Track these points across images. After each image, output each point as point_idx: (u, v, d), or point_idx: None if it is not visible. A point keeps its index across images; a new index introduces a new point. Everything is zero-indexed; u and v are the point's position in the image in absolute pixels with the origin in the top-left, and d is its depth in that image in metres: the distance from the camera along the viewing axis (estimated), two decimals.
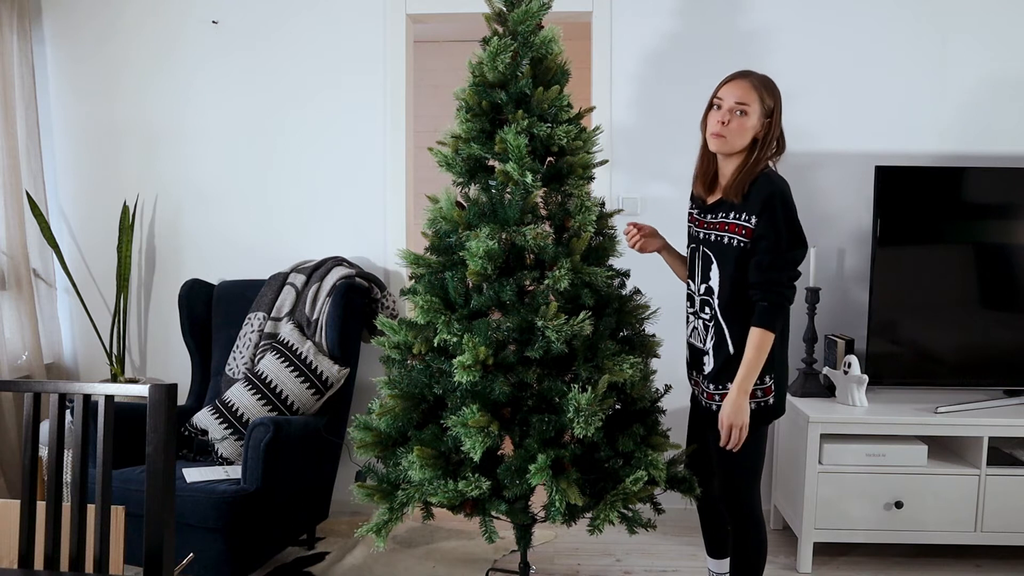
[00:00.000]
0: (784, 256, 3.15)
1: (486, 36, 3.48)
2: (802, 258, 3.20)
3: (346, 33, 5.02)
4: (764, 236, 3.15)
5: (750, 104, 3.18)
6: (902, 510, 4.32)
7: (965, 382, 4.67)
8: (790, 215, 3.17)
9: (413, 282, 3.53)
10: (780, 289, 3.15)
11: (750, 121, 3.19)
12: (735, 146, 3.22)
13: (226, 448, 4.32)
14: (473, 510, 3.28)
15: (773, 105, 3.22)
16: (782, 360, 3.31)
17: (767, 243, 3.15)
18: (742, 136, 3.20)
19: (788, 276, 3.16)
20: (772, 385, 3.26)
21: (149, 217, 5.21)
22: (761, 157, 3.22)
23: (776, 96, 3.24)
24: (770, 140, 3.23)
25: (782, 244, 3.14)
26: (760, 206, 3.15)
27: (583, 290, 3.35)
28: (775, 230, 3.14)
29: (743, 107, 3.18)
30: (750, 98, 3.19)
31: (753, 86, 3.21)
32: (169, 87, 5.13)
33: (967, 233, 4.58)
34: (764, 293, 3.15)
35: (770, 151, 3.25)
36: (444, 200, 3.46)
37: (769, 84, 3.25)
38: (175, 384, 2.35)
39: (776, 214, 3.14)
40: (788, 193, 3.19)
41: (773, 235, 3.14)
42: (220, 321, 4.91)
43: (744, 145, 3.22)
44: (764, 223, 3.15)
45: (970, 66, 4.84)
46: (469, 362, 3.15)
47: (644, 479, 3.24)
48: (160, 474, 2.29)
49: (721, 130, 3.21)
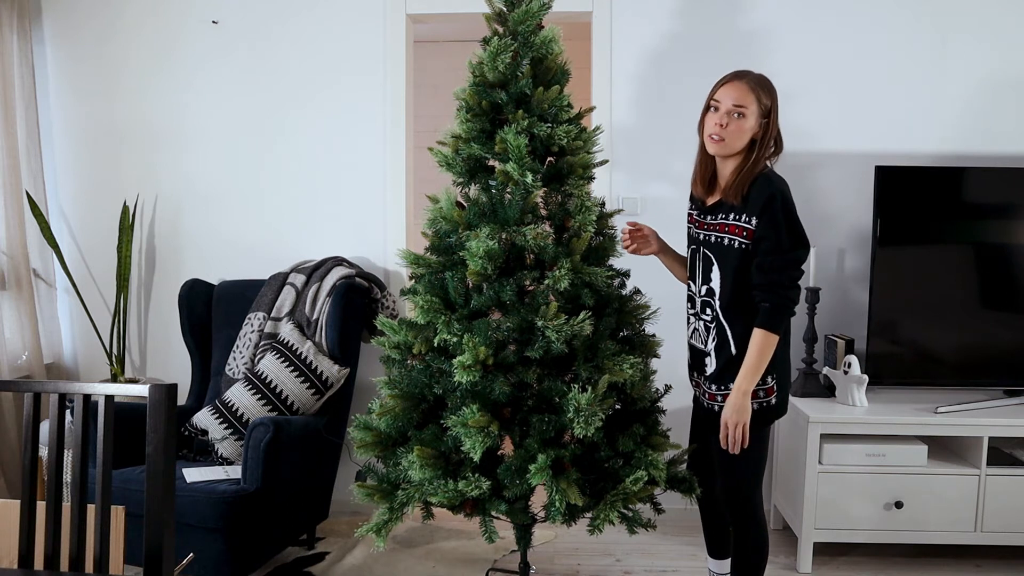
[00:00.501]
0: (786, 256, 3.14)
1: (486, 36, 3.49)
2: (804, 258, 3.19)
3: (346, 33, 5.03)
4: (765, 237, 3.15)
5: (748, 106, 3.18)
6: (902, 510, 4.32)
7: (965, 382, 4.67)
8: (790, 215, 3.16)
9: (413, 282, 3.53)
10: (783, 291, 3.14)
11: (748, 123, 3.18)
12: (734, 148, 3.21)
13: (226, 448, 4.33)
14: (473, 510, 3.28)
15: (770, 105, 3.21)
16: (784, 360, 3.31)
17: (768, 244, 3.14)
18: (740, 138, 3.19)
19: (790, 277, 3.15)
20: (774, 385, 3.26)
21: (149, 217, 5.21)
22: (760, 157, 3.21)
23: (773, 95, 3.24)
24: (768, 140, 3.22)
25: (783, 245, 3.14)
26: (760, 207, 3.14)
27: (583, 290, 3.35)
28: (776, 231, 3.13)
29: (741, 109, 3.17)
30: (747, 100, 3.18)
31: (750, 87, 3.19)
32: (169, 87, 5.14)
33: (967, 233, 4.58)
34: (767, 294, 3.15)
35: (768, 151, 3.24)
36: (444, 200, 3.46)
37: (765, 83, 3.24)
38: (175, 384, 2.36)
39: (776, 215, 3.13)
40: (788, 193, 3.19)
41: (774, 236, 3.13)
42: (220, 321, 4.92)
43: (743, 146, 3.21)
44: (765, 224, 3.14)
45: (971, 66, 4.85)
46: (469, 362, 3.15)
47: (644, 479, 3.24)
48: (160, 474, 2.30)
49: (720, 132, 3.20)
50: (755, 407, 3.24)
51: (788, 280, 3.16)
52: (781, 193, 3.15)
